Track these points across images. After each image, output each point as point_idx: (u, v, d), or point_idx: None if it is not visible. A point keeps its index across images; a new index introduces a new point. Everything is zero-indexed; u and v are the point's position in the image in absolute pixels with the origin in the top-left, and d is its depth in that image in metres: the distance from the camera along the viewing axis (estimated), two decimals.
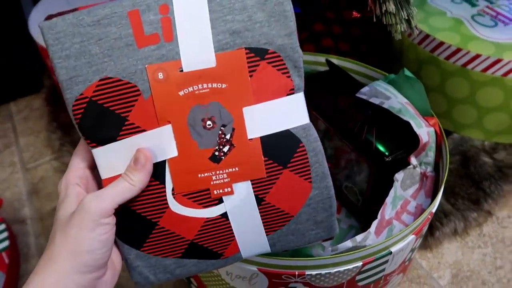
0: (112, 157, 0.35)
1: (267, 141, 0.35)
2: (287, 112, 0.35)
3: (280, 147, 0.36)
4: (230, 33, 0.34)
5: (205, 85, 0.34)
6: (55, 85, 0.99)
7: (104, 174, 0.35)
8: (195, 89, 0.34)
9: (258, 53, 0.34)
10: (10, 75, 1.02)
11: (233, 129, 0.35)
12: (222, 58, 0.34)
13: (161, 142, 0.34)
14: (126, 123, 0.34)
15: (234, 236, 0.37)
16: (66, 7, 0.85)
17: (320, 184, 0.37)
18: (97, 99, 0.34)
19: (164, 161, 0.35)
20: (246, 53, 0.34)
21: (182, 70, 0.34)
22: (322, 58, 0.64)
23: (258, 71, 0.34)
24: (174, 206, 0.36)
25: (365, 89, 0.55)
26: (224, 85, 0.34)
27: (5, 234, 0.69)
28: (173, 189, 0.35)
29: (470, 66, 0.68)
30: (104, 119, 0.34)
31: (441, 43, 0.69)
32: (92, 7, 0.34)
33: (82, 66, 0.33)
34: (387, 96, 0.52)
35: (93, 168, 0.37)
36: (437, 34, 0.70)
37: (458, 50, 0.68)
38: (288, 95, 0.35)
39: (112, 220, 0.34)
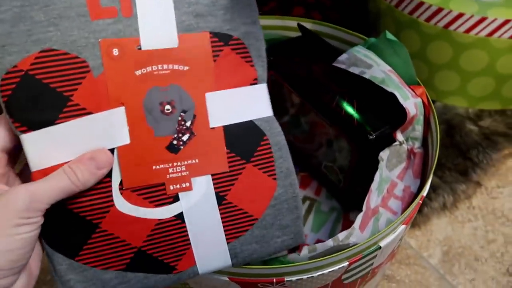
0: (47, 144, 0.29)
1: (230, 131, 0.32)
2: (251, 102, 0.33)
3: (243, 138, 0.32)
4: (194, 15, 0.32)
5: (165, 66, 0.31)
6: None
7: (35, 166, 0.29)
8: (154, 69, 0.30)
9: (222, 38, 0.33)
10: None
11: (194, 116, 0.31)
12: (185, 39, 0.32)
13: (111, 127, 0.30)
14: (69, 103, 0.29)
15: (189, 243, 0.32)
16: None
17: (285, 181, 0.34)
18: (34, 73, 0.29)
19: (113, 150, 0.30)
20: (210, 37, 0.32)
21: (140, 48, 0.30)
22: (292, 23, 0.57)
23: (221, 57, 0.32)
24: (121, 204, 0.30)
25: (343, 57, 0.49)
26: (186, 67, 0.31)
27: None
28: (121, 183, 0.30)
29: (452, 27, 0.63)
30: (42, 97, 0.29)
31: (421, 3, 0.64)
32: None
33: (20, 34, 0.28)
34: (368, 64, 0.46)
35: (10, 153, 0.31)
36: None
37: (439, 10, 0.63)
38: (251, 84, 0.33)
39: (42, 219, 0.28)
